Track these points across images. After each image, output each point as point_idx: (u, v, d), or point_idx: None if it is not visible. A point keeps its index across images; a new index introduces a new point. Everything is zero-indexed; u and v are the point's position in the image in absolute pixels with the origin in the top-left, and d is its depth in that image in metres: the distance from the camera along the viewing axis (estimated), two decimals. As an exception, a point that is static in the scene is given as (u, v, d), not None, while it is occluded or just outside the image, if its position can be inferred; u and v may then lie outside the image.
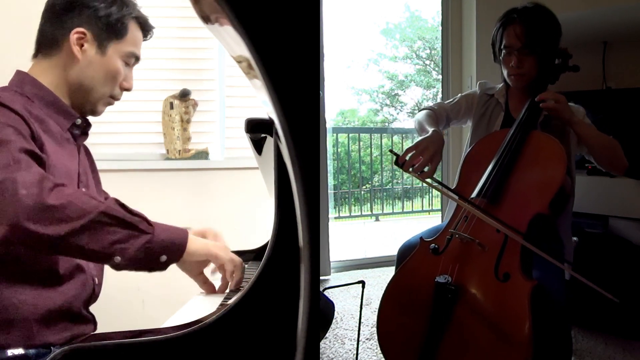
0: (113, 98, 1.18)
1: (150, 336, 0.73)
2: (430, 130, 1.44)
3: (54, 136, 1.07)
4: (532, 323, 1.07)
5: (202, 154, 2.38)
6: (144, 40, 1.23)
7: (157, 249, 0.89)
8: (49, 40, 1.12)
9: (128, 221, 0.87)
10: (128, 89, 1.20)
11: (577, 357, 1.93)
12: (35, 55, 1.14)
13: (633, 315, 2.01)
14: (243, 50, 0.43)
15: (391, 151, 1.38)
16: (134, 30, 1.17)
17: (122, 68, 1.16)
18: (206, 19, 0.50)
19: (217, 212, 2.34)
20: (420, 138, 1.41)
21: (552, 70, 1.52)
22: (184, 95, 2.31)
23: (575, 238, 2.10)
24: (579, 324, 2.15)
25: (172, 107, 2.31)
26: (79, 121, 1.15)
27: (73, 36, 1.10)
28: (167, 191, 2.29)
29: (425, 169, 1.33)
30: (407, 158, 1.34)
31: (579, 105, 1.57)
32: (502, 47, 1.53)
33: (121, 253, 0.86)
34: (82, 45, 1.11)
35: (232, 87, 2.45)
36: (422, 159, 1.33)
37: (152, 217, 0.92)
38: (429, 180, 1.32)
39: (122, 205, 0.90)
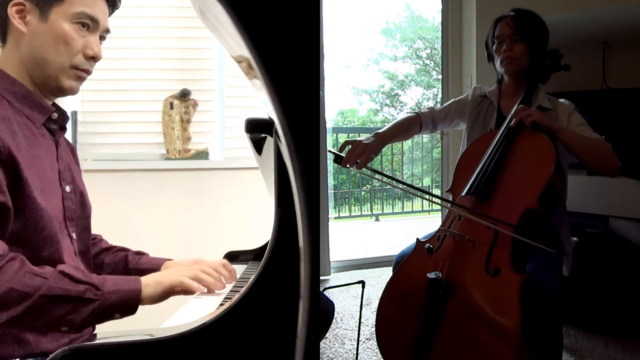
0: (78, 69, 1.06)
1: (150, 336, 0.73)
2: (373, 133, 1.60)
3: (26, 135, 1.00)
4: (524, 316, 1.09)
5: (202, 154, 2.38)
6: None
7: (107, 312, 0.88)
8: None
9: (72, 295, 0.85)
10: (94, 57, 1.08)
11: (577, 357, 1.93)
12: None
13: (633, 315, 2.01)
14: (243, 50, 0.43)
15: (330, 151, 1.49)
16: None
17: (72, 32, 1.04)
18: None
19: (216, 212, 2.34)
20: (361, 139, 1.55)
21: (542, 69, 1.60)
22: (184, 95, 2.31)
23: (575, 238, 2.10)
24: (579, 324, 2.15)
25: (172, 107, 2.31)
26: (55, 115, 1.08)
27: (11, 9, 1.02)
28: (167, 191, 2.29)
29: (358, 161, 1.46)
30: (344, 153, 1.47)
31: (569, 102, 1.62)
32: (494, 40, 1.63)
33: (68, 324, 0.85)
34: (25, 18, 1.02)
35: (232, 87, 2.45)
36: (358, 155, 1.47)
37: (152, 217, 0.91)
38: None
39: (68, 276, 0.87)
